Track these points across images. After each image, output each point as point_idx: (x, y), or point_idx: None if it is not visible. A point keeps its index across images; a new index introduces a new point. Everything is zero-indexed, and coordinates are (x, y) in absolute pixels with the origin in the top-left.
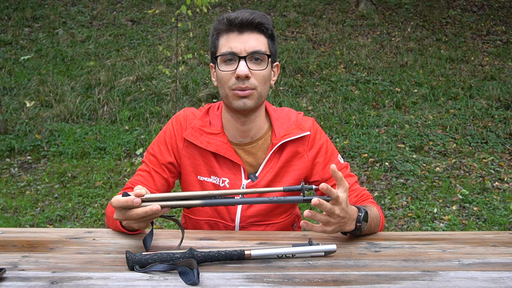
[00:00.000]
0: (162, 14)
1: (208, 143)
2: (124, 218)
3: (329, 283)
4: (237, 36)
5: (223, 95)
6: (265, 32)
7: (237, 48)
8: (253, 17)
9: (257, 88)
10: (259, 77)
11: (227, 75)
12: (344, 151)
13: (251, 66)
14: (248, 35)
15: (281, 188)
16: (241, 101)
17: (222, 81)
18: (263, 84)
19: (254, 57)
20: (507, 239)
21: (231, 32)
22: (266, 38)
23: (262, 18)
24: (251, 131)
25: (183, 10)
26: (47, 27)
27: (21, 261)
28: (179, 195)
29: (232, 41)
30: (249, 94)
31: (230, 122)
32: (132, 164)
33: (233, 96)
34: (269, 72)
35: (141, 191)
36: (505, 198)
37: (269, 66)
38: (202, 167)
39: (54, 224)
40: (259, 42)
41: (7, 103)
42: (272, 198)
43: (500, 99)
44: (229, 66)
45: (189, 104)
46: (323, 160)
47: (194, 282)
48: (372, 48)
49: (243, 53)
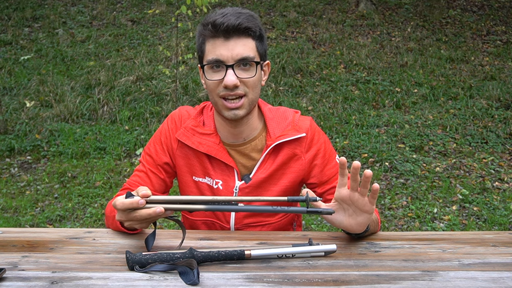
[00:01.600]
0: (162, 14)
1: (200, 143)
2: (127, 219)
3: (329, 283)
4: (223, 42)
5: (212, 102)
6: (252, 35)
7: (223, 56)
8: (239, 22)
9: (248, 95)
10: (249, 83)
11: (214, 84)
12: (344, 151)
13: (239, 73)
14: (235, 41)
15: (285, 198)
16: (231, 112)
17: (210, 89)
18: (252, 89)
19: (242, 64)
20: (507, 239)
21: (217, 38)
22: (254, 41)
23: (248, 22)
24: (243, 133)
25: (183, 10)
26: (47, 27)
27: (21, 261)
28: (183, 199)
29: (218, 48)
30: (240, 105)
31: (222, 125)
32: (132, 164)
33: (223, 106)
34: (258, 77)
35: (147, 192)
36: (505, 198)
37: (259, 71)
38: (197, 167)
39: (54, 224)
40: (246, 47)
41: (7, 103)
42: (276, 208)
43: (500, 99)
44: (216, 74)
45: (189, 104)
46: (321, 162)
47: (194, 282)
48: (372, 48)
49: (230, 61)
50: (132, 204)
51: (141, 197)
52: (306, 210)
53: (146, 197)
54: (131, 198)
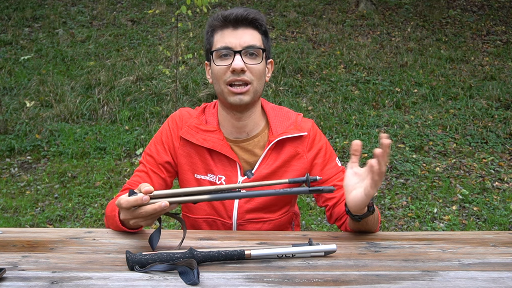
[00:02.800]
0: (162, 14)
1: (204, 140)
2: (132, 217)
3: (329, 283)
4: (232, 31)
5: (218, 91)
6: (259, 28)
7: (232, 43)
8: (247, 13)
9: (253, 83)
10: (255, 71)
11: (222, 70)
12: (344, 151)
13: (246, 60)
14: (242, 31)
15: (286, 180)
16: (237, 97)
17: (217, 76)
18: (258, 78)
19: (249, 52)
20: (507, 239)
21: (226, 28)
22: (260, 34)
23: (256, 14)
24: (247, 126)
25: (183, 10)
26: (47, 27)
27: (21, 261)
28: (186, 191)
29: (227, 37)
30: (245, 91)
31: (226, 119)
32: (132, 164)
33: (229, 92)
34: (264, 67)
35: (150, 188)
36: (505, 198)
37: (264, 61)
38: (199, 165)
39: (54, 224)
40: (253, 37)
41: (7, 103)
42: (278, 190)
43: (500, 99)
44: (224, 61)
45: (189, 104)
46: (321, 161)
47: (194, 282)
48: (372, 48)
49: (238, 47)
50: (137, 201)
51: (144, 193)
52: (308, 189)
53: (149, 193)
54: (135, 195)
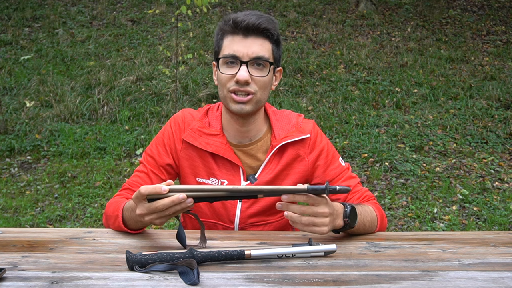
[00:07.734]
0: (162, 14)
1: (208, 144)
2: (149, 211)
3: (329, 283)
4: (241, 39)
5: (221, 96)
6: (270, 38)
7: (240, 52)
8: (259, 22)
9: (256, 93)
10: (260, 83)
11: (227, 78)
12: (344, 151)
13: (252, 71)
14: (252, 40)
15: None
16: (238, 106)
17: (222, 82)
18: (262, 90)
19: (256, 63)
20: (507, 239)
21: (236, 34)
22: (271, 44)
23: (268, 24)
24: (250, 132)
25: (183, 10)
26: (47, 27)
27: (21, 261)
28: (203, 188)
29: (236, 44)
30: (247, 100)
31: (229, 123)
32: (132, 164)
33: (231, 100)
34: (270, 78)
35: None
36: (505, 198)
37: (271, 72)
38: (201, 168)
39: (54, 224)
40: (263, 48)
41: (7, 103)
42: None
43: (500, 99)
44: (230, 69)
45: (189, 104)
46: (323, 163)
47: (194, 282)
48: (372, 48)
49: (245, 58)
50: (156, 189)
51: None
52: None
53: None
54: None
